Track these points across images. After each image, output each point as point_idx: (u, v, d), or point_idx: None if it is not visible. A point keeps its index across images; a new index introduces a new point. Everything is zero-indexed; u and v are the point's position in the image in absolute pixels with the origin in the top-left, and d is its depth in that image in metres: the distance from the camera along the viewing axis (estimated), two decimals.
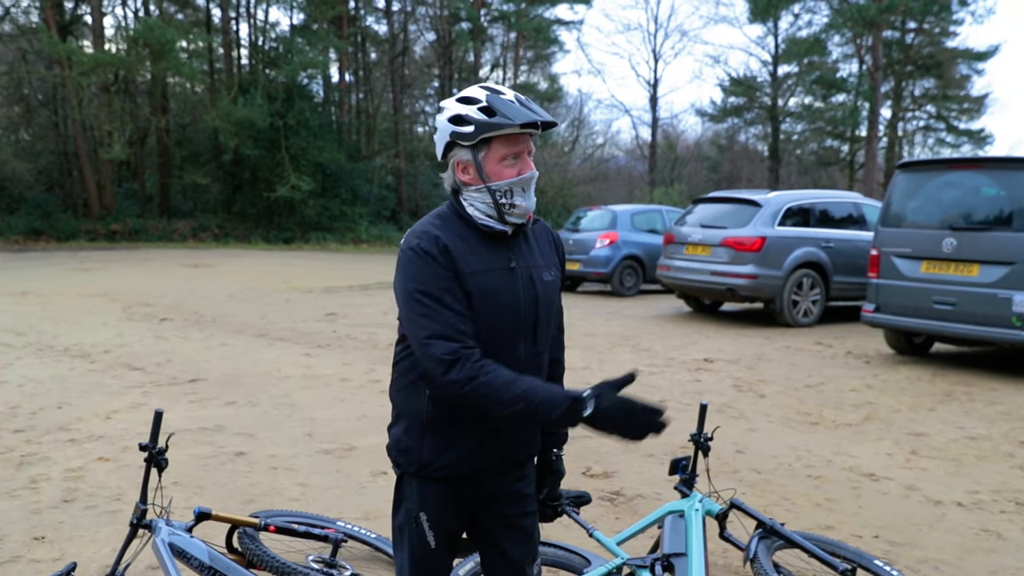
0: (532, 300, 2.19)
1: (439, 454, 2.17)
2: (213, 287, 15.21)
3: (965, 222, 8.12)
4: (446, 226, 2.15)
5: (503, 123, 2.05)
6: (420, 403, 2.18)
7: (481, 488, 2.24)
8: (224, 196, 32.47)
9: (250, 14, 34.07)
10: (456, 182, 2.17)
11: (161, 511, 2.96)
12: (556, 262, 2.34)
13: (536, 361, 2.23)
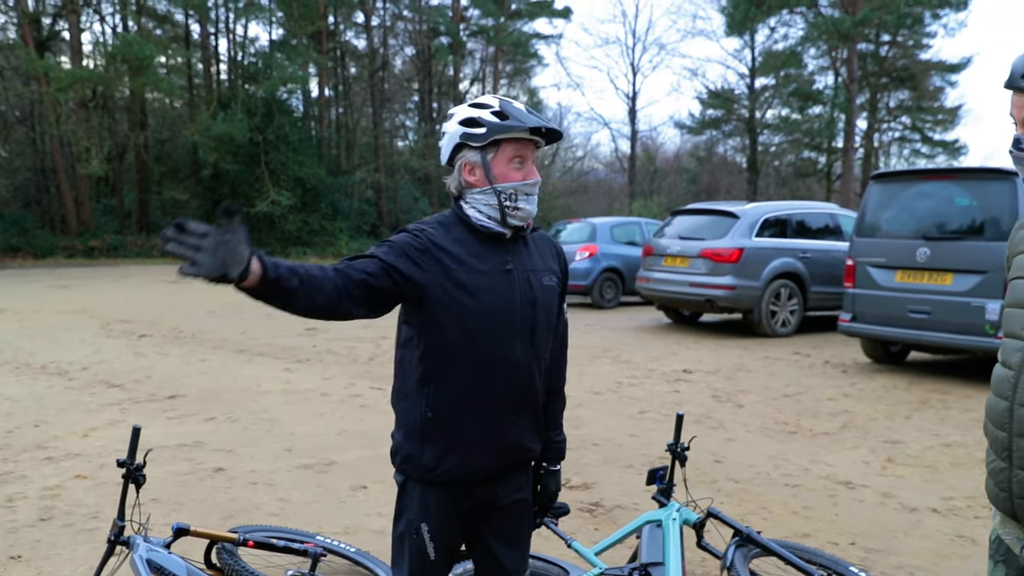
0: (530, 302, 2.24)
1: (440, 459, 2.20)
2: (192, 303, 15.14)
3: (938, 232, 8.23)
4: (446, 229, 2.23)
5: (515, 125, 2.16)
6: (419, 408, 2.21)
7: (483, 494, 2.27)
8: (204, 211, 32.30)
9: (229, 29, 34.10)
10: (462, 184, 2.24)
11: (139, 527, 2.96)
12: (557, 270, 2.38)
13: (534, 365, 2.27)
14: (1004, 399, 1.81)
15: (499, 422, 2.22)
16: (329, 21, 34.88)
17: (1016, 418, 1.77)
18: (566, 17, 39.08)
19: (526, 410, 2.28)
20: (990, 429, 1.88)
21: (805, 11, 34.75)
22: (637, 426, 6.61)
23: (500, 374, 2.19)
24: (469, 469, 2.20)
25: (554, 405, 2.49)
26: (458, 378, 2.17)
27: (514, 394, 2.23)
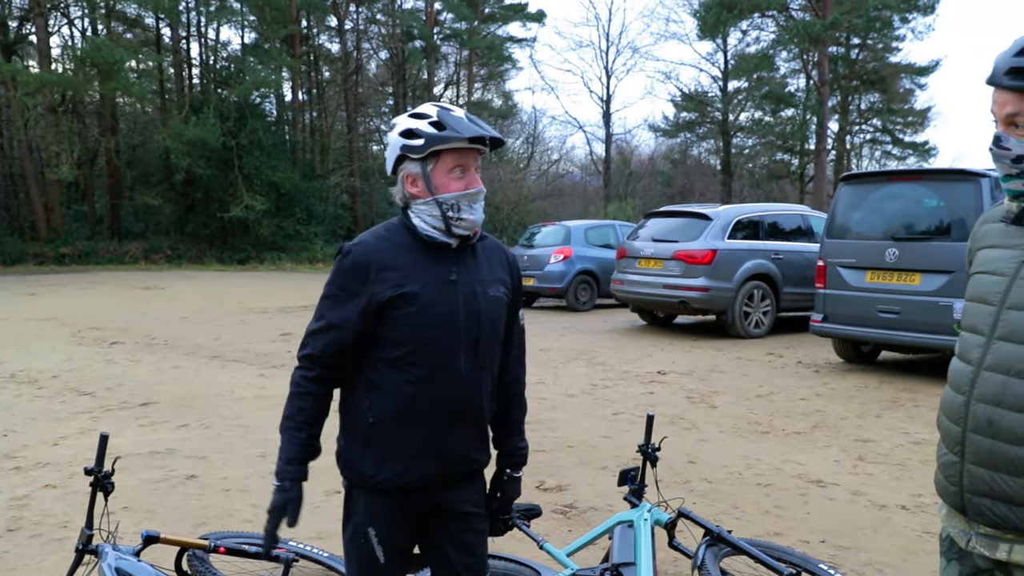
0: (474, 314, 2.23)
1: (380, 467, 2.20)
2: (165, 309, 15.02)
3: (907, 232, 8.33)
4: (391, 237, 2.23)
5: (452, 136, 2.14)
6: (362, 415, 2.22)
7: (429, 502, 2.27)
8: (176, 217, 32.06)
9: (201, 33, 33.86)
10: (406, 196, 2.24)
11: (108, 536, 2.94)
12: (506, 280, 2.37)
13: (478, 376, 2.26)
14: (961, 394, 1.84)
15: (441, 432, 2.21)
16: (302, 25, 34.73)
17: (972, 413, 1.80)
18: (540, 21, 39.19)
19: (470, 421, 2.27)
20: (944, 423, 1.91)
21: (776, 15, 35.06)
22: (611, 428, 6.64)
23: (443, 385, 2.19)
24: (409, 478, 2.20)
25: (513, 411, 2.48)
26: (400, 387, 2.17)
27: (457, 405, 2.23)
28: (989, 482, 1.76)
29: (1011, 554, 1.76)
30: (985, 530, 1.81)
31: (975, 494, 1.79)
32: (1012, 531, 1.75)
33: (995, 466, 1.75)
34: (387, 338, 2.18)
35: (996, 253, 1.86)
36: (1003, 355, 1.76)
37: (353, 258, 2.18)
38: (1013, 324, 1.75)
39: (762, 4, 33.55)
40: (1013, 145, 1.72)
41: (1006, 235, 1.85)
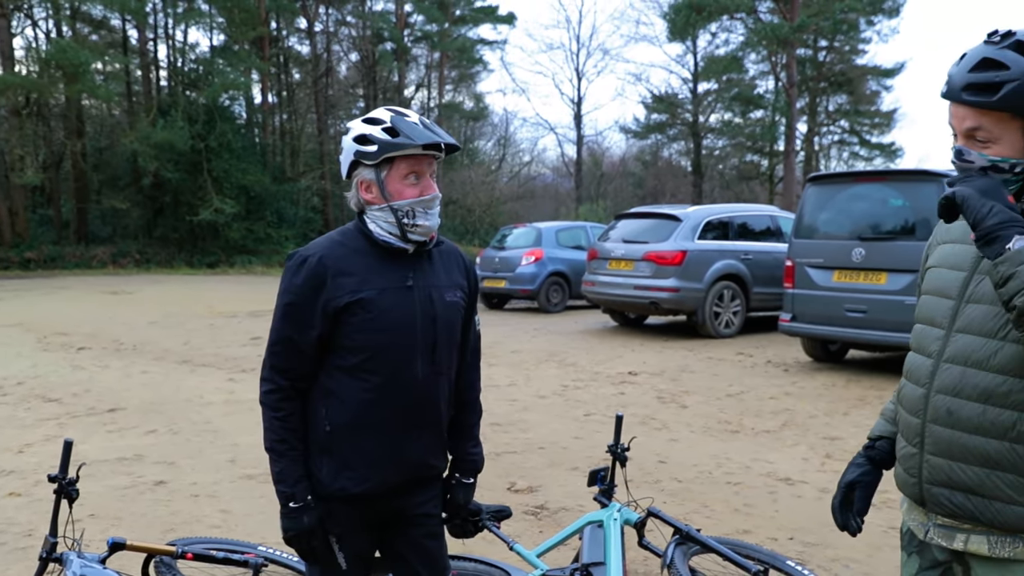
0: (431, 319, 2.22)
1: (336, 476, 2.19)
2: (134, 314, 14.85)
3: (873, 232, 8.44)
4: (346, 242, 2.22)
5: (405, 143, 2.12)
6: (318, 422, 2.21)
7: (388, 508, 2.26)
8: (145, 220, 31.72)
9: (168, 35, 33.52)
10: (360, 201, 2.23)
11: (72, 543, 2.90)
12: (463, 285, 2.36)
13: (436, 382, 2.26)
14: (920, 386, 1.88)
15: (399, 439, 2.21)
16: (271, 27, 34.51)
17: (931, 405, 1.83)
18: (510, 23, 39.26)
19: (428, 427, 2.27)
20: (903, 416, 1.94)
21: (745, 17, 35.35)
22: (582, 428, 6.66)
23: (400, 391, 2.19)
24: (367, 486, 2.20)
25: (468, 416, 2.48)
26: (357, 394, 2.17)
27: (415, 411, 2.22)
28: (948, 472, 1.80)
29: (967, 544, 1.80)
30: (943, 521, 1.85)
31: (934, 484, 1.83)
32: (969, 521, 1.79)
33: (954, 455, 1.79)
34: (343, 345, 2.17)
35: (956, 248, 1.90)
36: (961, 346, 1.80)
37: (307, 264, 2.16)
38: (971, 317, 1.79)
39: (731, 6, 33.83)
40: (975, 158, 1.75)
41: (966, 232, 1.89)
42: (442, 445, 2.36)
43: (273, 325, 2.22)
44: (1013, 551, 1.74)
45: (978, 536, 1.78)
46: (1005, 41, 1.71)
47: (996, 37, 1.73)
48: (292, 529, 2.17)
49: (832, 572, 3.92)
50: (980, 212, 1.66)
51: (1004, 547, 1.75)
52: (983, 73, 1.69)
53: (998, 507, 1.74)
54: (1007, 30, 1.74)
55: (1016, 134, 1.71)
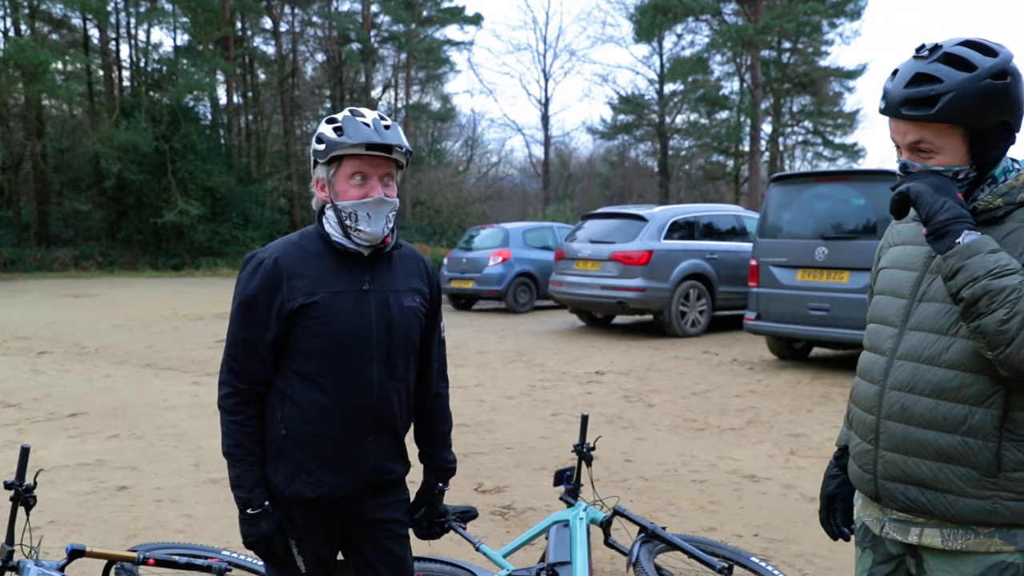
0: (387, 324, 2.21)
1: (291, 480, 2.18)
2: (96, 317, 14.63)
3: (835, 232, 8.55)
4: (304, 245, 2.21)
5: (344, 143, 2.11)
6: (274, 426, 2.19)
7: (348, 512, 2.25)
8: (108, 223, 31.27)
9: (131, 35, 33.08)
10: (318, 200, 2.23)
11: (30, 551, 2.86)
12: (423, 290, 2.34)
13: (391, 387, 2.24)
14: (875, 383, 1.91)
15: (354, 444, 2.20)
16: (236, 27, 34.19)
17: (886, 401, 1.87)
18: (477, 24, 39.20)
19: (383, 432, 2.26)
20: (857, 414, 1.98)
21: (710, 19, 35.66)
22: (549, 428, 6.68)
23: (355, 396, 2.18)
24: (322, 491, 2.19)
25: (439, 425, 2.48)
26: (312, 398, 2.15)
27: (370, 417, 2.21)
28: (903, 467, 1.84)
29: (922, 537, 1.84)
30: (898, 515, 1.88)
31: (889, 479, 1.87)
32: (923, 514, 1.83)
33: (908, 450, 1.83)
34: (298, 349, 2.16)
35: (908, 250, 1.95)
36: (914, 343, 1.84)
37: (263, 266, 2.15)
38: (924, 315, 1.84)
39: (696, 8, 34.11)
40: (920, 170, 1.80)
41: (917, 233, 1.94)
42: (399, 450, 2.35)
43: (230, 328, 2.21)
44: (965, 543, 1.78)
45: (932, 529, 1.82)
46: (934, 55, 1.76)
47: (924, 51, 1.79)
48: (251, 535, 2.17)
49: (796, 567, 3.96)
50: (932, 207, 1.71)
51: (956, 539, 1.79)
52: (918, 88, 1.74)
53: (950, 500, 1.78)
54: (934, 44, 1.79)
55: (958, 142, 1.76)
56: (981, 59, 1.72)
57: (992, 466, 1.73)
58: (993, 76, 1.70)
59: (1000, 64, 1.72)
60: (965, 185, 1.80)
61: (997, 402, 1.73)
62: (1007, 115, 1.74)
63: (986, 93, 1.70)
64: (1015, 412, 1.73)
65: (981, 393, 1.74)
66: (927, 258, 1.87)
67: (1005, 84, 1.71)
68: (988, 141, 1.76)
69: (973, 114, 1.72)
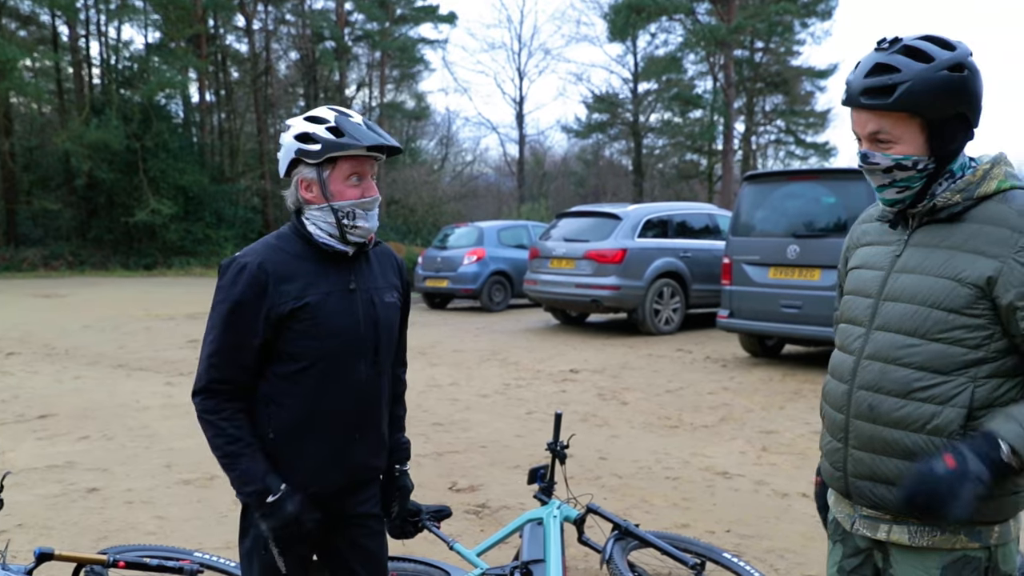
0: (373, 322, 2.23)
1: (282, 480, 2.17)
2: (66, 318, 14.45)
3: (807, 230, 8.63)
4: (284, 247, 2.18)
5: (351, 144, 2.10)
6: (260, 429, 2.18)
7: (327, 510, 2.25)
8: (78, 222, 30.88)
9: (101, 32, 32.65)
10: (299, 200, 2.20)
11: None
12: (398, 284, 2.37)
13: (377, 382, 2.27)
14: (844, 382, 1.94)
15: (343, 442, 2.21)
16: (209, 24, 33.89)
17: (854, 400, 1.90)
18: (451, 22, 39.08)
19: (370, 428, 2.28)
20: (828, 412, 2.01)
21: (683, 18, 35.82)
22: (524, 427, 6.69)
23: (344, 395, 2.19)
24: (312, 490, 2.19)
25: (398, 409, 2.52)
26: (301, 399, 2.15)
27: (359, 414, 2.23)
28: (871, 465, 1.87)
29: (890, 534, 1.88)
30: (867, 512, 1.92)
31: (858, 477, 1.90)
32: (891, 512, 1.86)
33: (876, 449, 1.86)
34: (286, 351, 2.15)
35: (874, 250, 1.98)
36: (881, 343, 1.87)
37: (248, 270, 2.11)
38: (889, 314, 1.87)
39: (669, 8, 34.24)
40: (880, 159, 1.83)
41: (881, 233, 1.97)
42: (383, 445, 2.37)
43: (211, 336, 2.15)
44: (931, 540, 1.82)
45: (899, 526, 1.86)
46: (894, 47, 1.80)
47: (885, 44, 1.82)
48: (279, 522, 2.10)
49: (768, 563, 4.00)
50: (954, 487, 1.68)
51: (923, 537, 1.83)
52: (877, 77, 1.78)
53: None
54: (894, 37, 1.83)
55: (916, 133, 1.79)
56: (939, 52, 1.76)
57: None
58: (950, 68, 1.74)
59: (957, 57, 1.75)
60: (924, 179, 1.82)
61: (962, 401, 1.76)
62: (964, 107, 1.77)
63: (943, 84, 1.74)
64: (980, 411, 1.76)
65: (947, 393, 1.77)
66: (893, 257, 1.90)
67: (961, 76, 1.75)
68: (946, 132, 1.79)
69: (930, 103, 1.75)
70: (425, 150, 44.40)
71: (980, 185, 1.80)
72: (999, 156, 1.86)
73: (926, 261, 1.83)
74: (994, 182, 1.80)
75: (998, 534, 1.81)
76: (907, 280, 1.85)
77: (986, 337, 1.76)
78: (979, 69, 1.79)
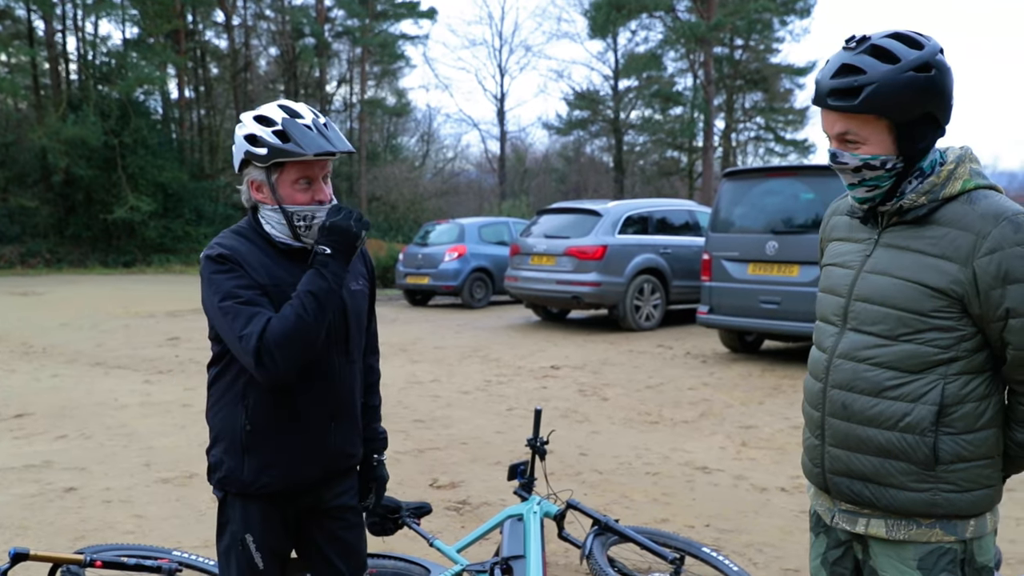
0: (341, 312, 2.23)
1: (260, 472, 2.18)
2: (44, 316, 14.32)
3: (785, 226, 8.68)
4: (245, 241, 2.18)
5: (295, 151, 2.06)
6: (238, 422, 2.18)
7: (306, 503, 2.26)
8: (56, 219, 30.56)
9: (78, 27, 32.34)
10: (251, 199, 2.20)
11: None
12: (363, 272, 2.38)
13: (349, 371, 2.29)
14: (819, 381, 1.96)
15: (319, 431, 2.22)
16: (187, 20, 33.65)
17: (828, 399, 1.92)
18: (432, 18, 38.94)
19: (345, 417, 2.29)
20: (806, 409, 2.03)
21: (663, 15, 35.89)
22: (505, 423, 6.70)
23: (317, 384, 2.20)
24: (291, 481, 2.19)
25: (372, 399, 2.52)
26: (275, 391, 2.15)
27: (333, 402, 2.24)
28: (847, 462, 1.89)
29: (868, 527, 1.90)
30: (846, 506, 1.94)
31: (835, 474, 1.92)
32: (868, 506, 1.89)
33: (851, 447, 1.88)
34: None
35: (845, 247, 1.99)
36: (853, 343, 1.88)
37: (222, 254, 2.11)
38: (860, 314, 1.88)
39: (650, 5, 34.29)
40: (849, 159, 1.83)
41: (851, 228, 1.98)
42: (358, 433, 2.38)
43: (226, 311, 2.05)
44: (907, 533, 1.84)
45: (877, 520, 1.88)
46: (861, 46, 1.78)
47: (852, 43, 1.80)
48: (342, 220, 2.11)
49: (747, 557, 4.03)
50: None
51: (900, 530, 1.85)
52: (843, 79, 1.76)
53: (892, 493, 1.83)
54: (862, 35, 1.81)
55: (883, 133, 1.78)
56: (906, 51, 1.74)
57: (930, 460, 1.79)
58: (916, 68, 1.72)
59: (924, 57, 1.73)
60: (893, 178, 1.83)
61: (933, 399, 1.77)
62: (932, 107, 1.76)
63: (909, 85, 1.72)
64: (951, 407, 1.78)
65: (918, 391, 1.79)
66: (863, 257, 1.91)
67: (929, 76, 1.73)
68: (914, 132, 1.78)
69: (896, 105, 1.73)
70: (406, 147, 44.31)
71: (945, 186, 1.80)
72: (964, 153, 1.85)
73: (894, 264, 1.83)
74: (959, 182, 1.80)
75: (974, 527, 1.83)
76: (877, 281, 1.85)
77: (957, 339, 1.77)
78: (949, 67, 1.77)
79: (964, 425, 1.79)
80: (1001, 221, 1.72)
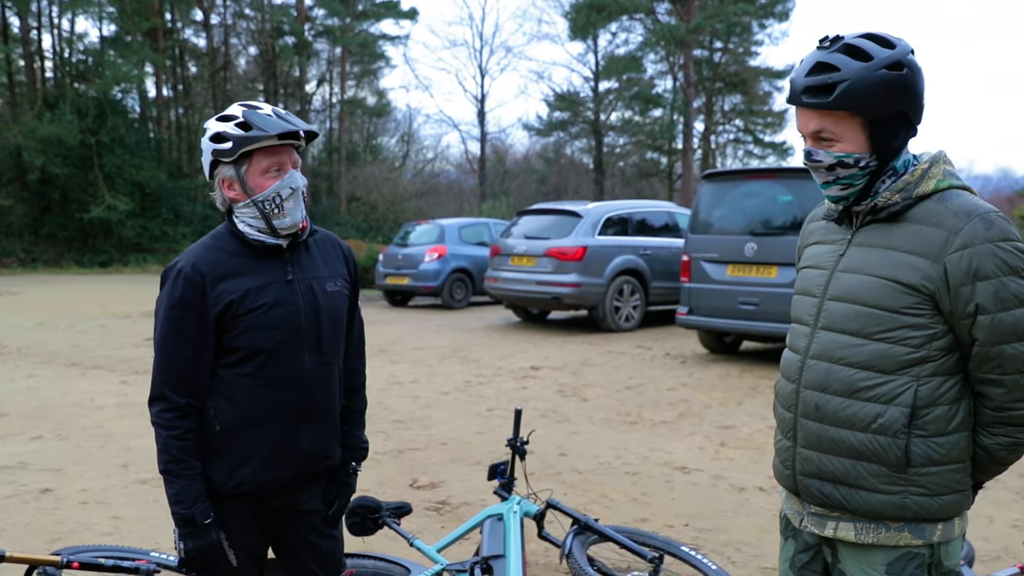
0: (314, 311, 2.23)
1: (231, 473, 2.18)
2: (18, 316, 14.16)
3: (764, 227, 8.75)
4: (219, 247, 2.19)
5: (258, 135, 2.11)
6: (207, 425, 2.18)
7: (278, 504, 2.25)
8: (31, 218, 30.24)
9: (54, 24, 32.03)
10: (226, 200, 2.21)
11: None
12: (344, 272, 2.38)
13: (326, 371, 2.28)
14: (791, 382, 1.98)
15: (291, 432, 2.22)
16: (166, 18, 33.41)
17: (801, 400, 1.93)
18: (412, 18, 38.90)
19: (319, 418, 2.28)
20: (778, 410, 2.04)
21: (643, 18, 36.08)
22: (485, 424, 6.70)
23: (289, 384, 2.20)
24: (262, 481, 2.19)
25: (355, 403, 2.50)
26: (246, 391, 2.16)
27: (305, 403, 2.24)
28: (818, 463, 1.91)
29: (836, 531, 1.91)
30: (815, 509, 1.95)
31: (806, 475, 1.94)
32: (838, 509, 1.90)
33: (823, 448, 1.90)
34: (230, 346, 2.16)
35: (819, 248, 2.01)
36: (826, 344, 1.90)
37: (185, 275, 2.14)
38: (833, 314, 1.90)
39: (630, 7, 34.46)
40: (823, 157, 1.85)
41: (827, 231, 2.01)
42: (335, 435, 2.37)
43: (161, 342, 2.17)
44: (876, 537, 1.86)
45: (846, 523, 1.89)
46: (835, 45, 1.82)
47: (827, 42, 1.84)
48: (197, 546, 2.14)
49: (725, 556, 4.06)
50: None
51: (868, 533, 1.87)
52: (817, 76, 1.80)
53: (863, 496, 1.85)
54: (836, 35, 1.85)
55: (857, 131, 1.81)
56: (878, 50, 1.77)
57: (902, 463, 1.80)
58: (888, 66, 1.76)
59: (896, 56, 1.77)
60: (867, 176, 1.85)
61: (906, 400, 1.79)
62: (904, 105, 1.79)
63: (881, 82, 1.75)
64: (923, 410, 1.79)
65: (891, 392, 1.80)
66: (836, 257, 1.93)
67: (900, 75, 1.76)
68: (887, 130, 1.81)
69: (869, 102, 1.77)
70: (386, 147, 44.22)
71: (919, 185, 1.83)
72: (938, 155, 1.88)
73: (866, 261, 1.85)
74: (932, 181, 1.83)
75: (941, 532, 1.84)
76: (850, 280, 1.87)
77: (928, 337, 1.79)
78: (920, 67, 1.81)
79: (936, 428, 1.80)
80: (973, 218, 1.75)
